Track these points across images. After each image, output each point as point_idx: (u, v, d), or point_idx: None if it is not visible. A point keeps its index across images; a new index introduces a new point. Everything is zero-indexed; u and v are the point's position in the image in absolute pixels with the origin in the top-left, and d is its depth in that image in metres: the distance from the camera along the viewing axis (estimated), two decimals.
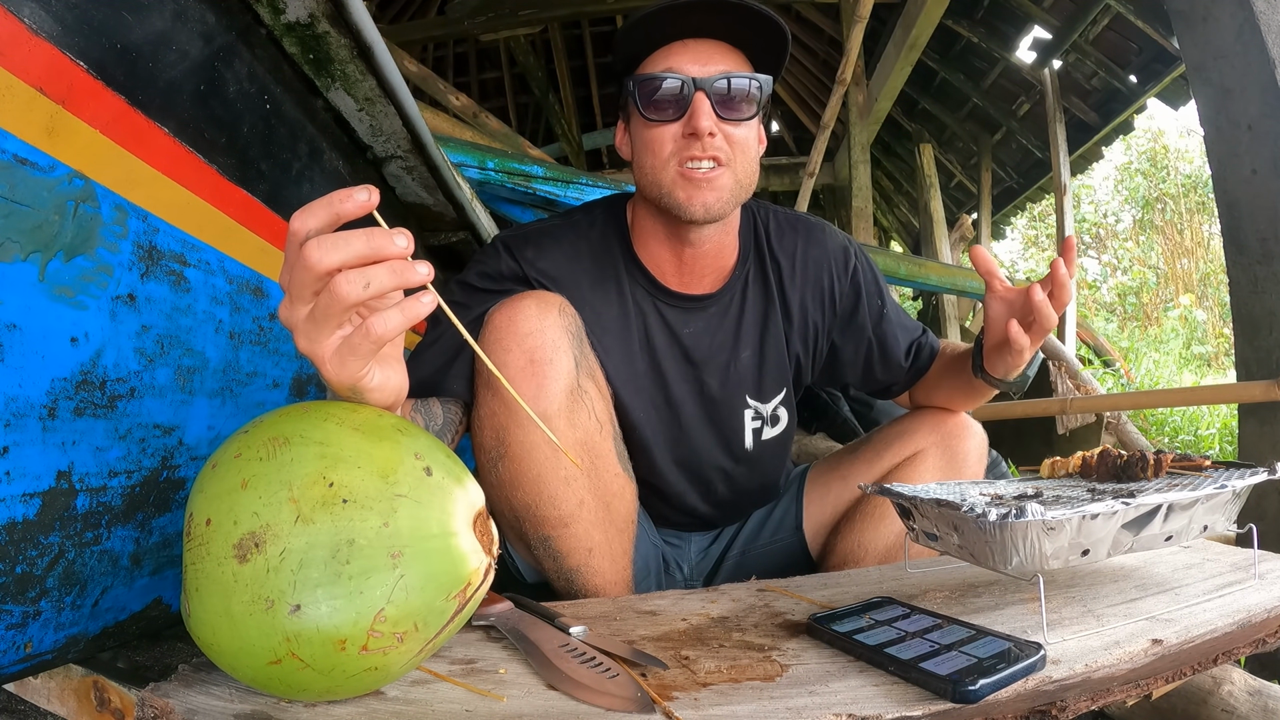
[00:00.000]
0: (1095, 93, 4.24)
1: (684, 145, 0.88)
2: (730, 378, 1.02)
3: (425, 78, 3.90)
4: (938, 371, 1.09)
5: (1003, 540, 0.62)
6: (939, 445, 1.05)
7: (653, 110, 0.89)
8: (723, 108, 0.88)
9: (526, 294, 0.87)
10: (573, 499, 0.86)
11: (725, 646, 0.65)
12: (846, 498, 1.10)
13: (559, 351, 0.83)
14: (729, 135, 0.89)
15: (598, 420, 0.88)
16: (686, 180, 0.89)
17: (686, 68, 0.88)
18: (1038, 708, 0.54)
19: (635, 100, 0.89)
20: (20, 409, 0.59)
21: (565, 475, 0.85)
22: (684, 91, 0.87)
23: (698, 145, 0.87)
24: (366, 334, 0.52)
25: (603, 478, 0.89)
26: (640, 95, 0.89)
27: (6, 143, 0.53)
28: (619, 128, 0.99)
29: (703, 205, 0.89)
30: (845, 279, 1.06)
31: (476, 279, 0.93)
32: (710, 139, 0.87)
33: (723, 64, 0.89)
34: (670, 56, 0.88)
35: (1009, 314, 0.87)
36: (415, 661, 0.53)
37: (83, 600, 0.70)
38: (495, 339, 0.83)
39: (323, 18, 0.77)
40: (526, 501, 0.85)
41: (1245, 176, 1.51)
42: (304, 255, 0.49)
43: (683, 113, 0.88)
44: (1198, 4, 1.55)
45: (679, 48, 0.88)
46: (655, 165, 0.90)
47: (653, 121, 0.89)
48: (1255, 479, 0.71)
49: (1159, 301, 9.25)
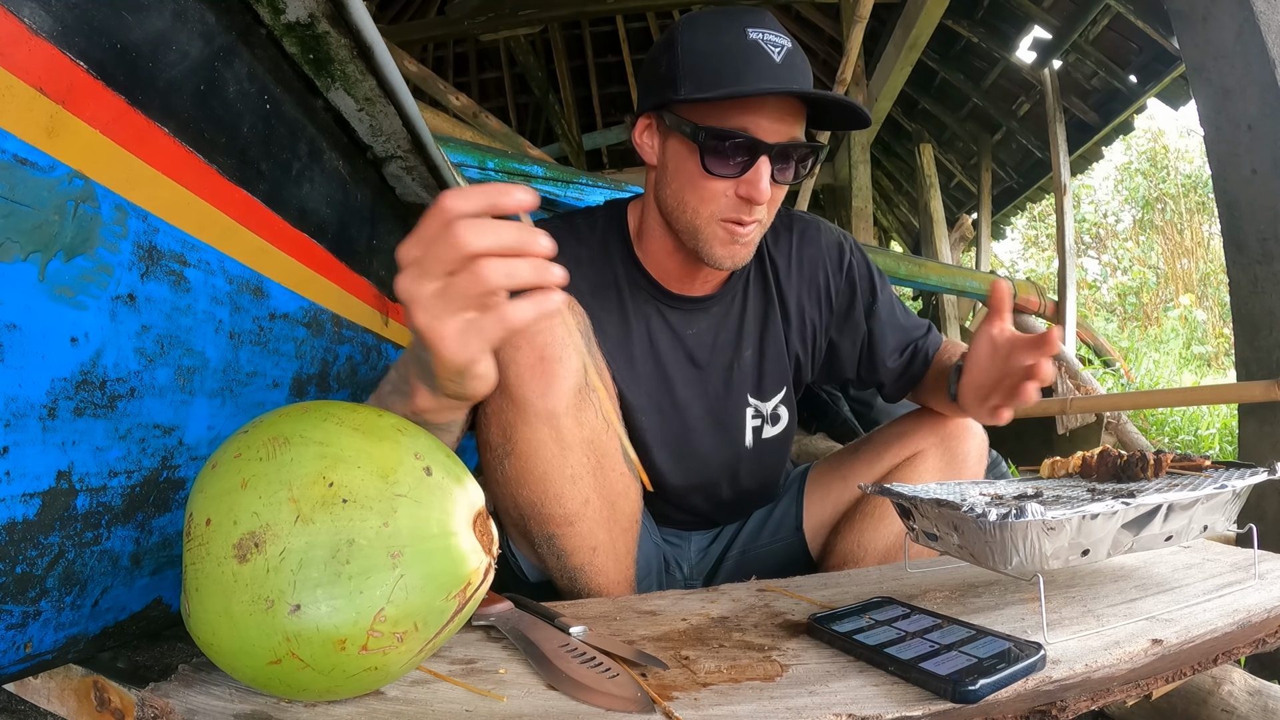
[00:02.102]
0: (1095, 93, 4.24)
1: (735, 205, 0.87)
2: (734, 377, 1.03)
3: (425, 78, 3.90)
4: (930, 377, 1.09)
5: (1003, 540, 0.62)
6: (939, 445, 1.05)
7: (715, 164, 0.86)
8: (780, 172, 0.87)
9: None
10: (578, 497, 0.86)
11: (725, 646, 0.65)
12: (846, 498, 1.10)
13: (568, 349, 0.83)
14: (773, 198, 0.88)
15: (605, 419, 0.88)
16: (728, 237, 0.88)
17: (761, 127, 0.84)
18: (1038, 708, 0.54)
19: (700, 149, 0.86)
20: (20, 409, 0.59)
21: (571, 474, 0.85)
22: (753, 154, 0.85)
23: (747, 210, 0.87)
24: (501, 319, 0.53)
25: (608, 477, 0.89)
26: (706, 146, 0.85)
27: (6, 143, 0.53)
28: (643, 127, 0.94)
29: (732, 260, 0.90)
30: (840, 275, 1.06)
31: None
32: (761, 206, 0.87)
33: (793, 127, 0.86)
34: (747, 113, 0.84)
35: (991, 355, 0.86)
36: (415, 661, 0.53)
37: (83, 600, 0.70)
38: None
39: (323, 18, 0.77)
40: (532, 499, 0.85)
41: (1245, 176, 1.51)
42: (454, 232, 0.51)
43: (742, 171, 0.86)
44: (1198, 4, 1.55)
45: (758, 102, 0.84)
46: (698, 210, 0.89)
47: (712, 175, 0.86)
48: (1255, 479, 0.71)
49: (1159, 301, 9.25)
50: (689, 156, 0.87)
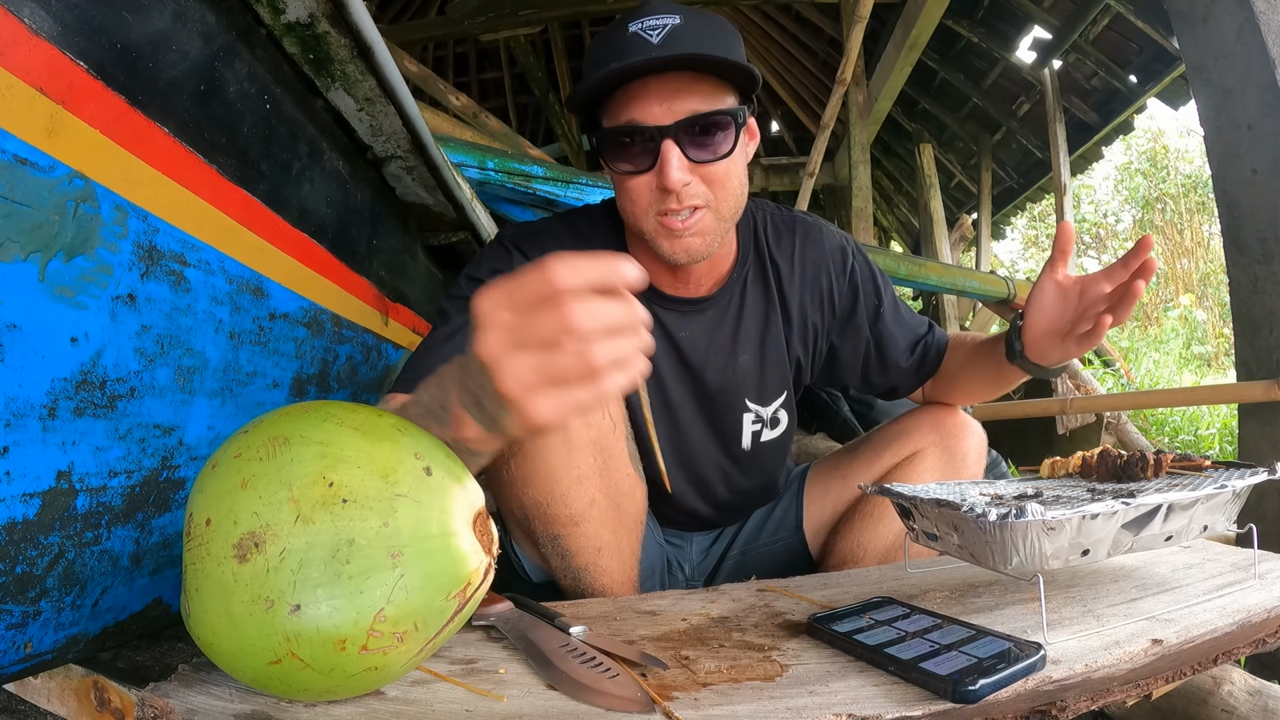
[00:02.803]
0: (1095, 93, 4.24)
1: (659, 198, 0.84)
2: (728, 380, 1.02)
3: (425, 78, 3.90)
4: (957, 364, 1.06)
5: (1003, 540, 0.62)
6: (938, 445, 1.05)
7: (623, 163, 0.84)
8: (696, 150, 0.82)
9: None
10: (584, 498, 0.86)
11: (725, 646, 0.65)
12: (846, 497, 1.10)
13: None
14: (707, 176, 0.84)
15: (612, 420, 0.88)
16: (667, 231, 0.85)
17: (651, 112, 0.81)
18: (1038, 708, 0.54)
19: (604, 154, 0.84)
20: (20, 409, 0.59)
21: (578, 474, 0.85)
22: (652, 140, 0.81)
23: (672, 198, 0.83)
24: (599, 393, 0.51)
25: (614, 477, 0.88)
26: (607, 150, 0.84)
27: (6, 143, 0.53)
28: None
29: (685, 252, 0.87)
30: (843, 279, 1.06)
31: (489, 275, 0.92)
32: (686, 189, 0.83)
33: (690, 99, 0.81)
34: (631, 103, 0.81)
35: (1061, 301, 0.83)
36: (415, 661, 0.53)
37: (83, 600, 0.70)
38: None
39: (323, 18, 0.77)
40: (537, 499, 0.85)
41: (1245, 176, 1.51)
42: (565, 311, 0.48)
43: (652, 163, 0.82)
44: (1198, 4, 1.55)
45: (639, 89, 0.81)
46: (635, 213, 0.87)
47: (625, 174, 0.84)
48: (1255, 479, 0.71)
49: (1159, 301, 9.24)
50: (608, 164, 0.86)
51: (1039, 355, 0.88)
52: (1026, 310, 0.88)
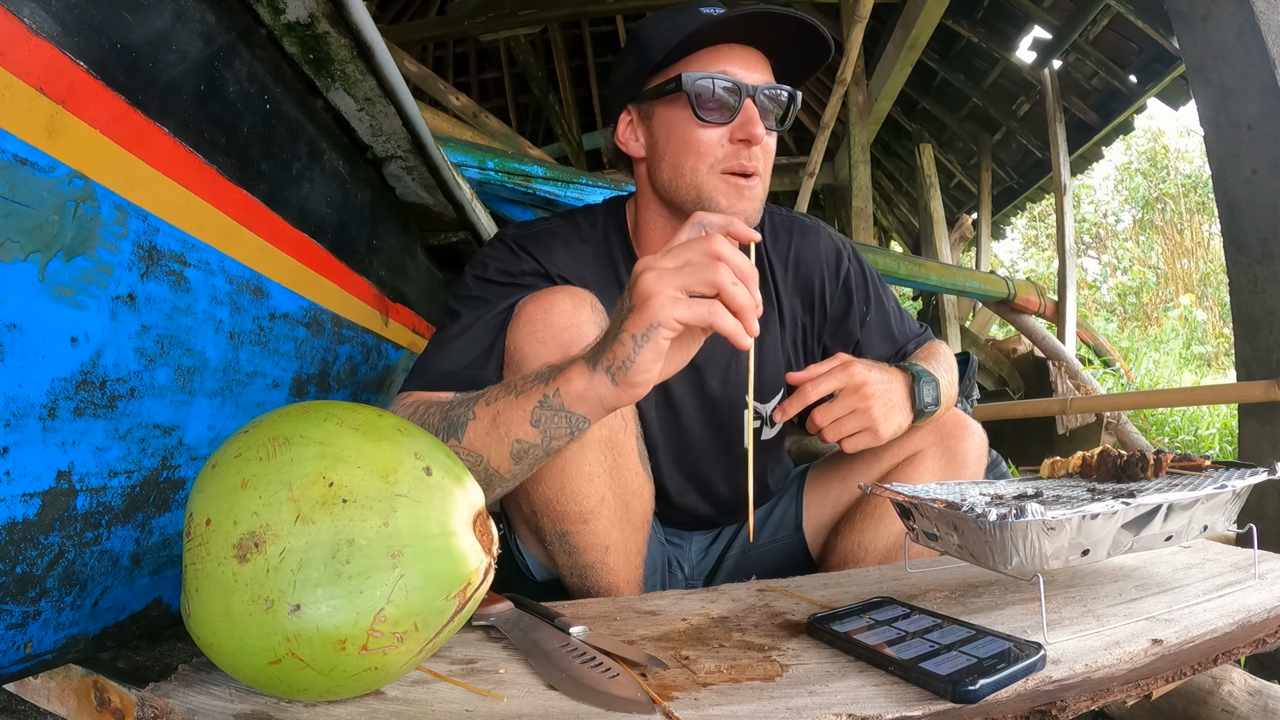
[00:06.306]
0: (1095, 93, 4.24)
1: (734, 151, 0.88)
2: (731, 378, 1.02)
3: (425, 78, 3.89)
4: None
5: (1003, 540, 0.62)
6: (938, 445, 1.05)
7: (707, 110, 0.87)
8: (765, 118, 0.88)
9: (559, 288, 0.86)
10: (594, 495, 0.86)
11: (725, 646, 0.65)
12: (846, 498, 1.10)
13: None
14: (764, 147, 0.89)
15: (623, 418, 0.88)
16: (732, 188, 0.88)
17: (739, 73, 0.87)
18: (1038, 708, 0.54)
19: (690, 98, 0.87)
20: (20, 409, 0.59)
21: (589, 471, 0.85)
22: (739, 97, 0.87)
23: (746, 153, 0.87)
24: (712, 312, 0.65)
25: (624, 475, 0.88)
26: (695, 94, 0.86)
27: (6, 143, 0.53)
28: (624, 125, 0.96)
29: (744, 210, 0.89)
30: (836, 282, 1.06)
31: (497, 275, 0.92)
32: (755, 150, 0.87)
33: (763, 73, 0.89)
34: (721, 59, 0.87)
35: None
36: (415, 661, 0.53)
37: (83, 600, 0.70)
38: (530, 330, 0.83)
39: (323, 18, 0.77)
40: (548, 496, 0.85)
41: (1245, 176, 1.51)
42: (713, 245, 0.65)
43: (731, 117, 0.87)
44: (1198, 4, 1.55)
45: (727, 51, 0.87)
46: (697, 167, 0.89)
47: (705, 123, 0.87)
48: (1255, 479, 0.71)
49: (1159, 301, 9.25)
50: (679, 116, 0.89)
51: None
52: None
